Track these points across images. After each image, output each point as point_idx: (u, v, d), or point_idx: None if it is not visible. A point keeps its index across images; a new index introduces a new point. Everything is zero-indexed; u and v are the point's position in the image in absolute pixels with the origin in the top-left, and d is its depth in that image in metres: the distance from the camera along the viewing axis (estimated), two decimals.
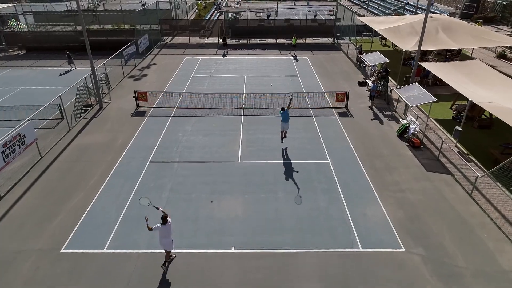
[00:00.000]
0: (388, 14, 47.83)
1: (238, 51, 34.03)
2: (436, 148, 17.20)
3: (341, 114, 20.78)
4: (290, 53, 32.64)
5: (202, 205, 13.52)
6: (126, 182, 14.74)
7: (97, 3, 62.72)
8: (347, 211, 13.14)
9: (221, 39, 34.73)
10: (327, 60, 31.18)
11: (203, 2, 53.40)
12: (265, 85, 25.24)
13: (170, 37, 38.95)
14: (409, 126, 17.92)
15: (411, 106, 17.40)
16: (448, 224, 12.61)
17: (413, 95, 17.76)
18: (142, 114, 20.78)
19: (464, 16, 43.13)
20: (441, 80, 23.82)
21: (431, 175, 15.21)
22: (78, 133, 18.74)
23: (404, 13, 44.35)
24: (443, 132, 19.00)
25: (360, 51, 28.74)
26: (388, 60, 23.23)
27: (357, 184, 14.65)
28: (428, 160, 16.30)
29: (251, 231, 12.32)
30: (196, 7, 53.08)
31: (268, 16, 42.04)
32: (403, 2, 50.23)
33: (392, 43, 32.96)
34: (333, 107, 21.55)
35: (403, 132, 18.15)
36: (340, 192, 14.19)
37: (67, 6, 55.25)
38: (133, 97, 21.40)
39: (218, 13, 47.94)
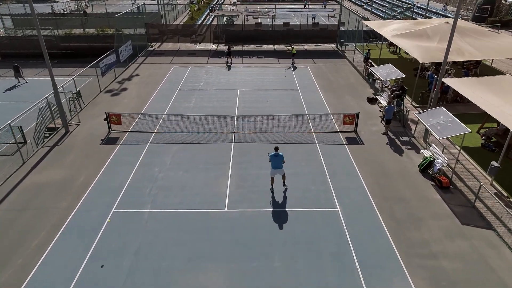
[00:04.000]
0: (394, 17, 44.67)
1: (232, 59, 30.75)
2: (468, 189, 14.02)
3: (349, 141, 17.57)
4: (292, 63, 29.28)
5: (174, 279, 10.29)
6: (80, 243, 11.50)
7: (85, 5, 59.47)
8: None
9: (218, 47, 31.08)
10: (331, 70, 27.97)
11: (196, 4, 50.12)
12: (261, 101, 22.02)
13: (159, 43, 35.69)
14: (434, 160, 14.73)
15: (439, 139, 14.20)
16: None
17: (439, 123, 14.54)
18: (114, 140, 17.53)
19: (477, 19, 39.98)
20: (462, 96, 20.73)
21: (467, 231, 12.00)
22: (33, 167, 15.49)
23: (414, 16, 41.12)
24: (473, 164, 15.81)
25: (368, 60, 25.47)
26: (404, 75, 19.99)
27: (375, 245, 11.44)
28: (461, 207, 13.09)
29: None
30: (188, 9, 49.73)
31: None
32: (409, 4, 47.04)
33: (400, 49, 29.84)
34: (340, 131, 18.34)
35: (426, 167, 14.96)
36: (354, 257, 10.97)
37: (52, 8, 51.98)
38: (105, 119, 18.15)
39: (212, 16, 44.66)
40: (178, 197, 13.58)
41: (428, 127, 14.70)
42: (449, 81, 18.50)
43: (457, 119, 14.54)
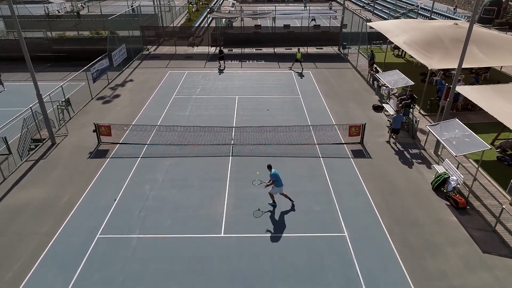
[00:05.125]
0: (397, 18, 43.52)
1: (231, 63, 29.63)
2: (486, 209, 12.87)
3: (355, 154, 16.41)
4: (290, 68, 28.09)
5: None
6: (59, 275, 10.33)
7: (81, 6, 58.30)
8: None
9: (216, 49, 29.77)
10: (333, 74, 26.81)
11: (194, 5, 48.93)
12: (261, 109, 20.85)
13: (155, 46, 34.50)
14: (449, 177, 13.57)
15: (456, 156, 13.00)
16: None
17: (455, 137, 13.37)
18: (104, 154, 16.36)
19: (483, 21, 38.82)
20: (473, 104, 19.62)
21: (490, 260, 10.85)
22: (14, 184, 14.31)
23: (418, 18, 39.93)
24: (489, 181, 14.65)
25: (373, 65, 24.28)
26: (413, 83, 18.80)
27: (387, 277, 10.28)
28: (480, 231, 11.93)
29: None
30: (186, 11, 48.48)
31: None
32: (413, 5, 45.90)
33: (405, 52, 28.64)
34: (345, 143, 17.18)
35: (440, 184, 13.80)
36: None
37: (47, 9, 50.76)
38: (93, 131, 16.98)
39: (210, 17, 43.43)
40: (169, 220, 12.41)
41: (443, 142, 13.51)
42: (462, 89, 17.32)
43: (474, 133, 13.39)
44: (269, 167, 12.44)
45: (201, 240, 11.56)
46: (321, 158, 16.04)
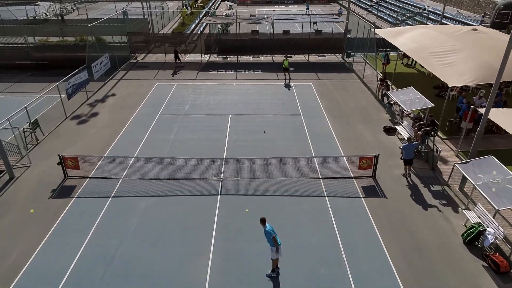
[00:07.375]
0: (403, 22, 40.99)
1: (225, 73, 27.08)
2: None
3: (367, 191, 13.85)
4: (285, 80, 25.48)
5: None
6: None
7: (71, 8, 55.72)
8: None
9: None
10: (337, 87, 24.25)
11: (189, 8, 46.30)
12: (256, 132, 18.30)
13: (143, 54, 31.90)
14: (485, 230, 11.02)
15: (499, 210, 10.44)
16: None
17: (494, 182, 10.81)
18: (69, 192, 13.80)
19: (496, 26, 36.12)
20: (498, 126, 17.10)
21: None
22: None
23: (428, 23, 37.36)
24: None
25: (384, 82, 21.67)
26: (433, 105, 16.22)
27: None
28: None
29: None
30: (179, 15, 45.77)
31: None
32: (420, 8, 43.30)
33: (415, 61, 26.04)
34: (354, 177, 14.64)
35: (474, 238, 11.25)
36: None
37: (34, 12, 48.18)
38: (58, 163, 14.41)
39: (204, 24, 40.81)
40: None
41: (479, 189, 10.93)
42: (494, 113, 14.69)
43: None
44: (262, 220, 9.78)
45: None
46: (326, 198, 13.48)
